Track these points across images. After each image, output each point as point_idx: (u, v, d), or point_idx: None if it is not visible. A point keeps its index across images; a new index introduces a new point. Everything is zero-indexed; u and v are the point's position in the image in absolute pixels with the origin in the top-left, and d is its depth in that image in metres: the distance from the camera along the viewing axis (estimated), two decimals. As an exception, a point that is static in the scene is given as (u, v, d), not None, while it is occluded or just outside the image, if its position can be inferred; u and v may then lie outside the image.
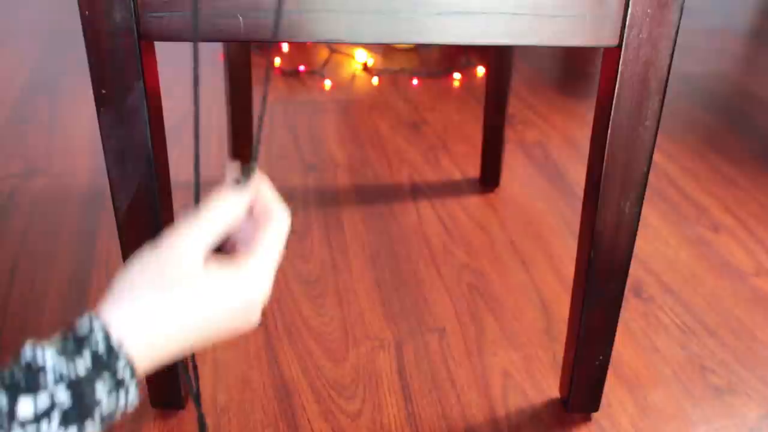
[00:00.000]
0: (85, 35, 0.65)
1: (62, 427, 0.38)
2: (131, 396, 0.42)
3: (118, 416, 0.41)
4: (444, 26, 0.67)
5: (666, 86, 0.71)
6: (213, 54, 1.96)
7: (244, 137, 1.33)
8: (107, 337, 0.40)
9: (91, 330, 0.40)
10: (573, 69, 2.11)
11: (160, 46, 0.71)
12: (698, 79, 1.96)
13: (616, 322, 0.85)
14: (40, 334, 1.02)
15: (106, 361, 0.40)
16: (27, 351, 0.39)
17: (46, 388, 0.37)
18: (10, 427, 0.36)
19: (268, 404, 0.93)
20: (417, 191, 1.39)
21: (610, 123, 0.73)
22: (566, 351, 0.91)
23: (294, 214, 1.42)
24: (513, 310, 1.10)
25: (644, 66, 0.70)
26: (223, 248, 0.47)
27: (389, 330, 1.05)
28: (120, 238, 0.76)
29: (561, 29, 0.68)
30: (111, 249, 1.19)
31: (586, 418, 0.92)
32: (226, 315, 0.43)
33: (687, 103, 1.82)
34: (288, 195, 1.35)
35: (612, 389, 0.96)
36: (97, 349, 0.39)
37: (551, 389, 0.96)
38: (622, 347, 1.03)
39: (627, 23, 0.68)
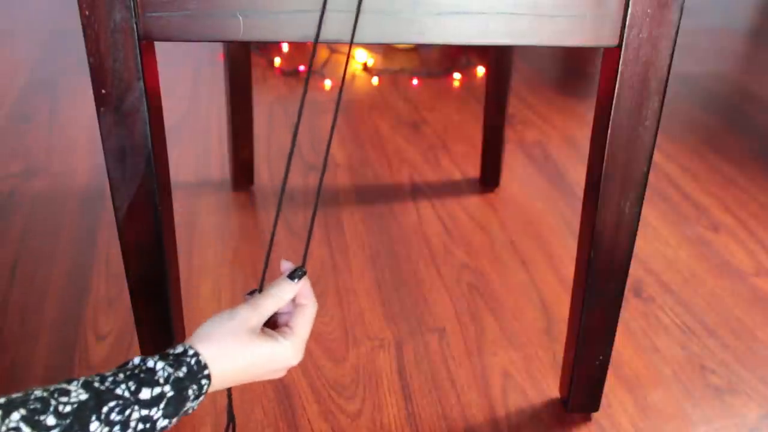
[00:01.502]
0: (85, 35, 0.65)
1: (163, 411, 0.55)
2: (197, 404, 0.59)
3: (184, 415, 0.58)
4: (444, 26, 0.67)
5: (666, 86, 0.71)
6: (213, 54, 1.97)
7: (244, 137, 1.33)
8: (199, 360, 0.58)
9: (186, 352, 0.58)
10: (573, 69, 2.11)
11: (160, 46, 0.71)
12: (698, 79, 1.96)
13: (616, 322, 0.85)
14: (40, 334, 1.02)
15: (196, 373, 0.58)
16: (136, 359, 0.56)
17: (158, 382, 0.55)
18: (134, 406, 0.53)
19: (268, 404, 0.93)
20: (417, 191, 1.39)
21: (610, 123, 0.73)
22: (566, 351, 0.91)
23: (294, 214, 1.42)
24: (513, 310, 1.10)
25: (644, 66, 0.70)
26: (271, 318, 0.66)
27: (389, 330, 1.05)
28: (120, 238, 0.76)
29: (561, 29, 0.68)
30: (111, 249, 1.19)
31: (586, 418, 0.92)
32: (269, 370, 0.63)
33: (686, 103, 1.82)
34: (288, 195, 1.36)
35: (612, 389, 0.96)
36: (191, 364, 0.58)
37: (551, 389, 0.96)
38: (622, 347, 1.03)
39: (627, 23, 0.68)
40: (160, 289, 0.79)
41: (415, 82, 1.88)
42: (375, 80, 1.88)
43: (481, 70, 1.95)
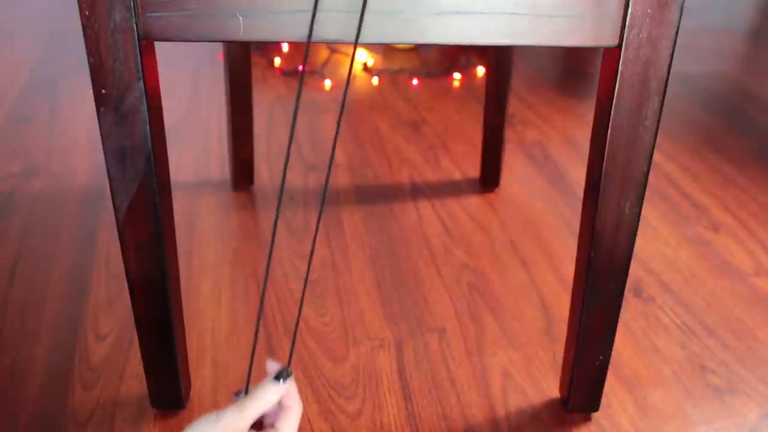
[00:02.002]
0: (85, 35, 0.65)
1: None
2: None
3: None
4: (444, 26, 0.67)
5: (666, 86, 0.71)
6: (213, 54, 1.97)
7: (244, 137, 1.33)
8: None
9: None
10: (573, 69, 2.11)
11: (160, 46, 0.71)
12: (698, 79, 1.96)
13: (616, 322, 0.85)
14: (40, 334, 1.02)
15: None
16: None
17: None
18: None
19: (268, 404, 0.93)
20: (417, 191, 1.39)
21: (610, 123, 0.73)
22: (566, 351, 0.91)
23: (294, 214, 1.42)
24: (513, 310, 1.10)
25: (644, 66, 0.70)
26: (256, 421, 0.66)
27: (389, 330, 1.05)
28: (120, 238, 0.76)
29: (560, 29, 0.68)
30: (111, 249, 1.19)
31: (586, 418, 0.92)
32: None
33: (686, 103, 1.82)
34: (288, 195, 1.36)
35: (612, 389, 0.96)
36: None
37: (551, 389, 0.96)
38: (622, 347, 1.03)
39: (627, 23, 0.68)
40: (160, 289, 0.79)
41: (415, 82, 1.88)
42: (375, 80, 1.88)
43: (481, 70, 1.95)
